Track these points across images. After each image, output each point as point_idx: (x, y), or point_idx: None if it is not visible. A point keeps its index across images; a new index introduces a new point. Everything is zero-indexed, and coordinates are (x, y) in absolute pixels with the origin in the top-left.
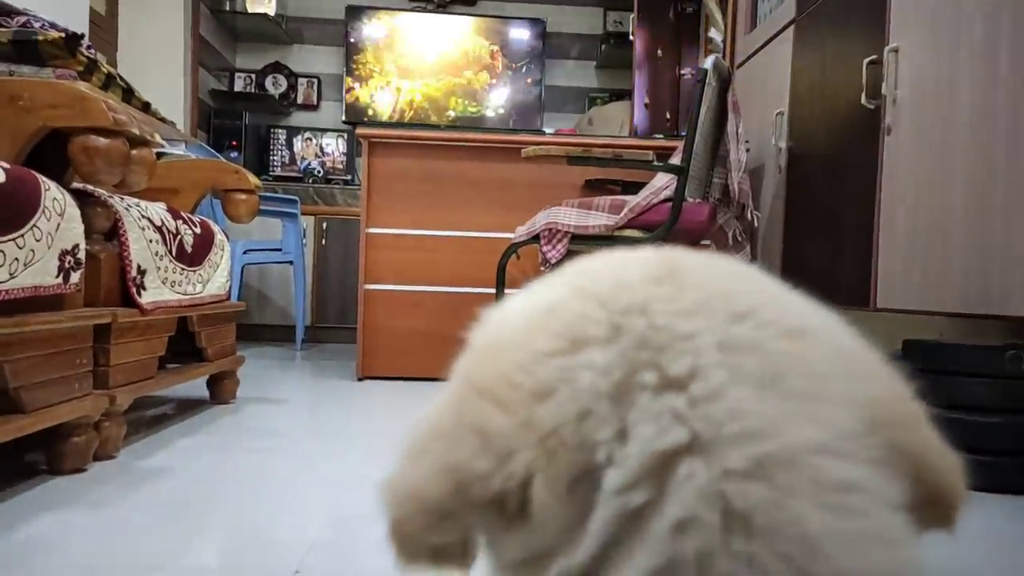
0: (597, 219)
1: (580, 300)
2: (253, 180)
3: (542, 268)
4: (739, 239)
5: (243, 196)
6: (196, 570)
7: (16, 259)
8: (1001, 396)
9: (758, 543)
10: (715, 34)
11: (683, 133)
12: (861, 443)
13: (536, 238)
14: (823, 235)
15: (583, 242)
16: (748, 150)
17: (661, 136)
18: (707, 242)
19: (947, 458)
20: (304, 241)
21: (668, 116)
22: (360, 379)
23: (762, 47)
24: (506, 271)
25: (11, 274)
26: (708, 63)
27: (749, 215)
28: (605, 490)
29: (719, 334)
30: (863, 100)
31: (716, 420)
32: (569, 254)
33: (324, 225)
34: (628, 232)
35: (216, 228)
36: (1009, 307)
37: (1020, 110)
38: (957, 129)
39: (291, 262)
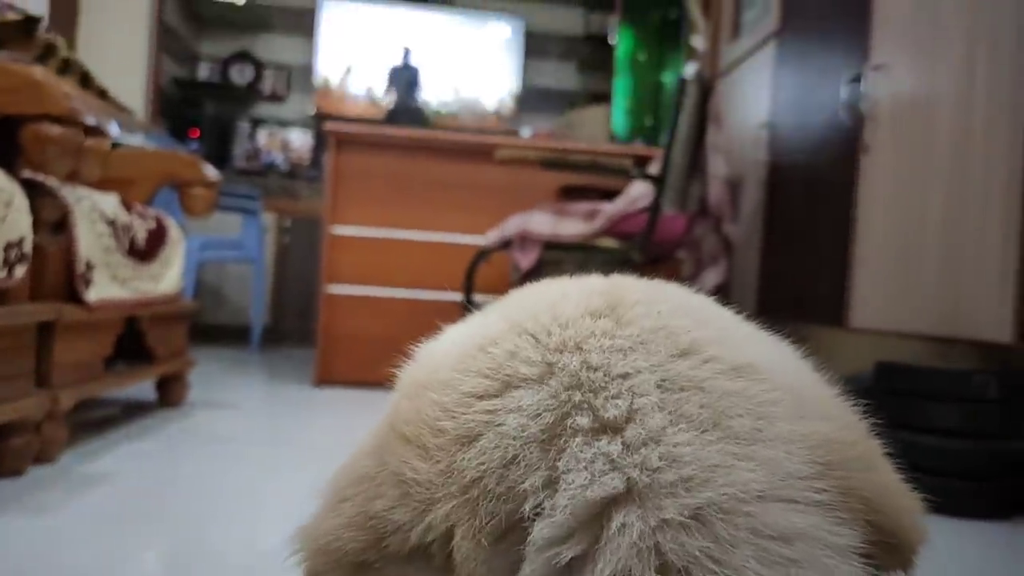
0: (571, 227)
1: (514, 336)
2: (211, 173)
3: (514, 276)
4: (715, 253)
5: (200, 190)
6: None
7: None
8: (969, 420)
9: None
10: (698, 41)
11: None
12: (808, 487)
13: (508, 244)
14: (800, 251)
15: (557, 250)
16: (727, 163)
17: (641, 142)
18: (682, 255)
19: (903, 500)
20: (265, 239)
21: (649, 122)
22: (318, 385)
23: (745, 57)
24: (475, 277)
25: None
26: (688, 71)
27: (725, 229)
28: (533, 543)
29: (659, 373)
30: (842, 117)
31: (652, 467)
32: (542, 262)
33: (287, 223)
34: (603, 241)
35: (171, 222)
36: (979, 332)
37: (996, 133)
38: (934, 150)
39: (250, 260)
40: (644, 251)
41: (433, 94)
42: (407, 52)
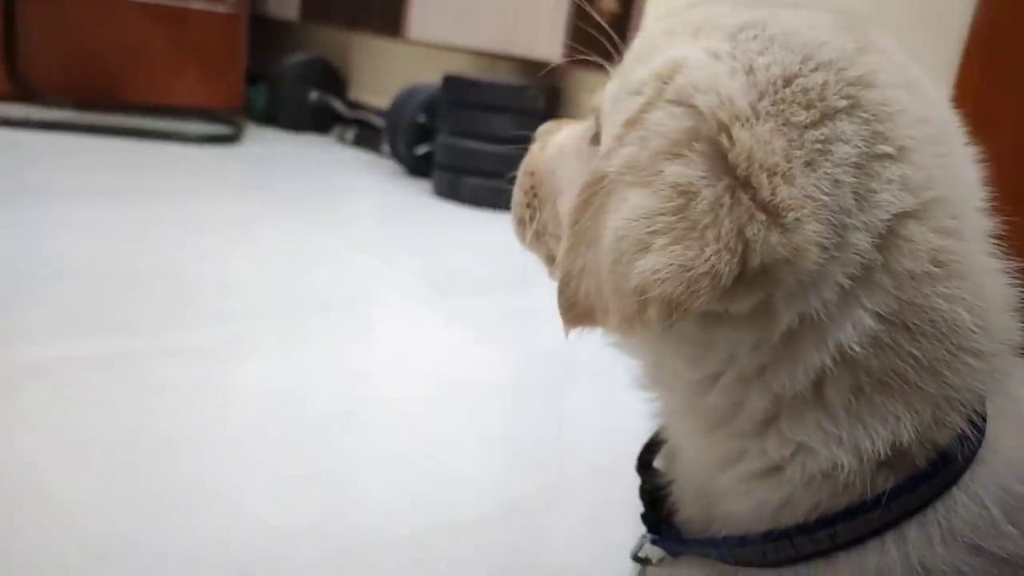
0: None
1: (819, 72)
2: None
3: None
4: None
5: None
6: None
7: None
8: (522, 129)
9: None
10: None
11: None
12: None
13: None
14: None
15: None
16: None
17: None
18: None
19: None
20: None
21: None
22: None
23: None
24: None
25: None
26: None
27: None
28: (848, 247)
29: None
30: None
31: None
32: None
33: None
34: None
35: None
36: (532, 51)
37: None
38: None
39: None
40: None
41: None
42: None
